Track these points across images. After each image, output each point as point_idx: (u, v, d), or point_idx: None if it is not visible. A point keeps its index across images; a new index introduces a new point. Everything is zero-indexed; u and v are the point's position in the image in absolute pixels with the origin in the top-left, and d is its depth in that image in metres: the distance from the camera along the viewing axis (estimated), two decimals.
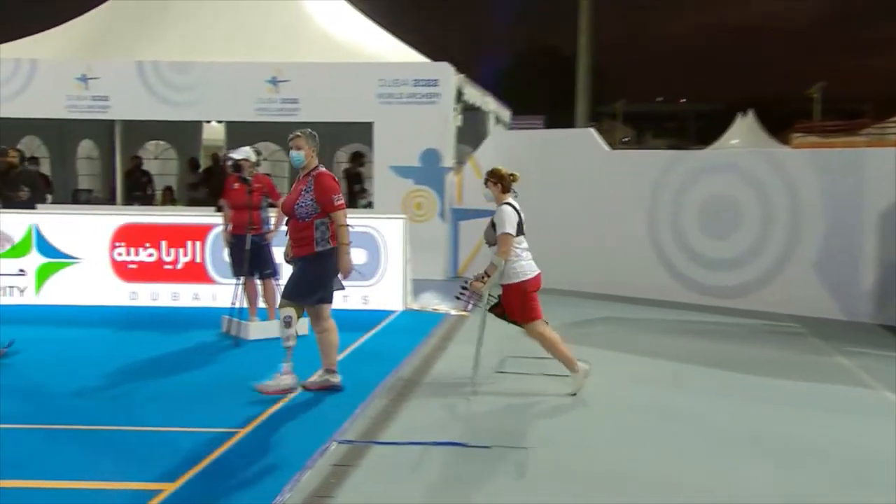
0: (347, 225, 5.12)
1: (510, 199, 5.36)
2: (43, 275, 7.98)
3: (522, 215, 5.38)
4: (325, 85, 10.13)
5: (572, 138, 10.01)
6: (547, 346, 5.31)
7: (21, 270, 7.93)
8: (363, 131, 11.40)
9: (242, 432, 4.35)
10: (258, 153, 7.19)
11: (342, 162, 16.64)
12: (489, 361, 6.03)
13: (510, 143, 10.31)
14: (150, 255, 8.03)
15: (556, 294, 9.13)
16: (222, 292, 7.93)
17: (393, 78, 10.05)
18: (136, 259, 8.02)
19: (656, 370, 5.91)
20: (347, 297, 8.05)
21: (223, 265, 7.91)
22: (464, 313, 7.89)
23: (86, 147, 16.23)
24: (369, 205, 11.38)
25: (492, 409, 4.95)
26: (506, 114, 14.41)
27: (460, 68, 10.25)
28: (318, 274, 5.12)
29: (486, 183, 5.41)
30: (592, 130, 9.73)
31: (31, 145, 14.08)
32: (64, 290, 7.95)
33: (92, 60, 10.43)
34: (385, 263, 8.09)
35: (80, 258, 8.00)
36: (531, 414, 4.86)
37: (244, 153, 6.88)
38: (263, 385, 5.09)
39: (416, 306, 8.25)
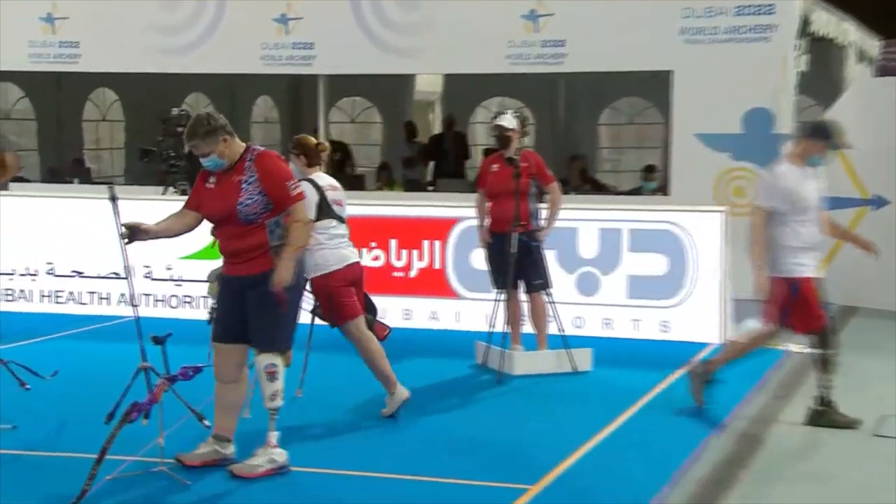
0: (308, 223, 5.44)
1: (316, 175, 6.56)
2: None
3: (332, 194, 6.56)
4: (603, 20, 10.91)
5: None
6: (363, 354, 6.51)
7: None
8: (654, 84, 12.07)
9: (534, 490, 5.27)
10: (523, 120, 8.17)
11: (608, 123, 17.45)
12: (862, 417, 6.46)
13: (884, 98, 10.42)
14: (376, 258, 9.39)
15: None
16: (469, 310, 9.08)
17: (704, 6, 10.61)
18: None
19: None
20: (639, 324, 8.84)
21: (473, 274, 9.06)
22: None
23: (262, 107, 18.61)
24: (660, 190, 12.03)
25: (873, 481, 5.45)
26: (873, 46, 14.30)
27: None
28: (287, 297, 5.34)
29: (287, 155, 6.64)
30: None
31: (196, 105, 16.52)
32: None
33: None
34: (694, 276, 8.75)
35: None
36: None
37: (510, 121, 7.84)
38: (240, 466, 5.35)
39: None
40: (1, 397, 6.30)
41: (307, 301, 6.44)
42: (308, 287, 6.40)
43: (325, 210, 6.52)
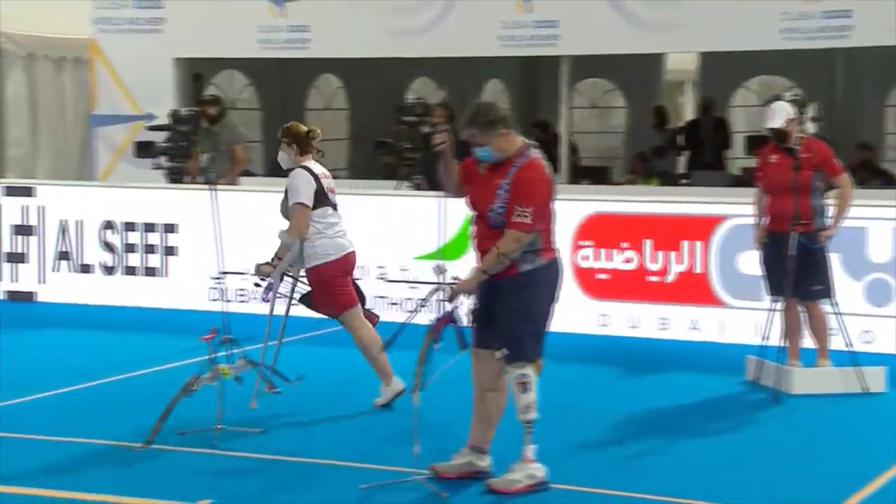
0: (504, 255, 5.53)
1: (309, 162, 7.20)
2: None
3: (326, 182, 7.20)
4: None
5: None
6: (359, 344, 7.13)
7: (455, 278, 9.91)
8: None
9: None
10: (801, 105, 8.11)
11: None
12: None
13: None
14: (628, 260, 9.56)
15: None
16: (736, 320, 9.11)
17: None
18: (609, 266, 9.61)
19: None
20: None
21: (740, 279, 9.09)
22: None
23: (491, 92, 19.02)
24: None
25: None
26: None
27: None
28: (527, 307, 5.62)
29: (279, 145, 7.31)
30: None
31: (423, 90, 17.12)
32: None
33: None
34: None
35: None
36: None
37: (781, 116, 7.78)
38: (498, 481, 5.66)
39: None
40: (250, 400, 6.90)
41: (296, 289, 7.32)
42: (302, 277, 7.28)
43: (320, 198, 7.17)
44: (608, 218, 9.73)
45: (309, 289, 7.33)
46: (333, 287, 7.20)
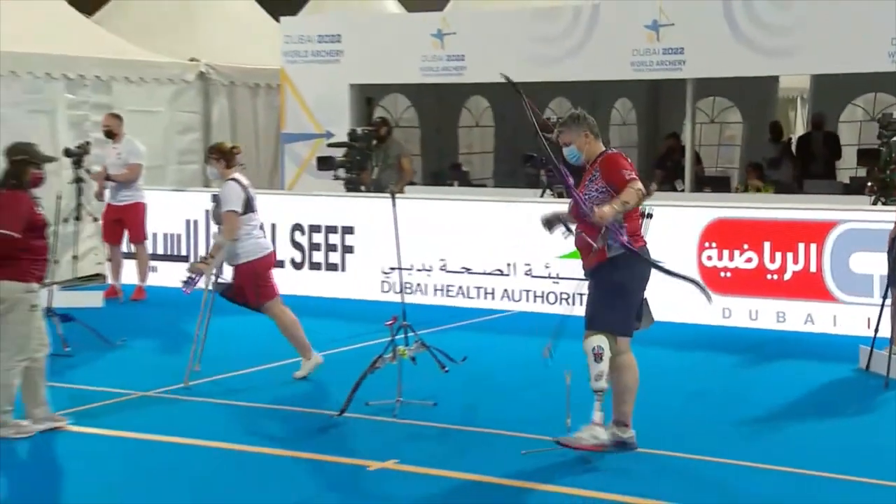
0: (640, 192, 5.61)
1: (237, 175, 7.55)
2: None
3: (251, 191, 7.57)
4: None
5: None
6: (282, 327, 7.57)
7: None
8: None
9: None
10: None
11: None
12: None
13: None
14: (749, 260, 9.55)
15: None
16: (848, 314, 9.05)
17: None
18: (731, 265, 9.61)
19: None
20: None
21: (852, 277, 9.03)
22: None
23: (620, 110, 19.06)
24: None
25: None
26: None
27: None
28: (612, 288, 5.74)
29: (207, 160, 7.75)
30: None
31: (559, 109, 17.26)
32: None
33: None
34: None
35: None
36: None
37: None
38: (571, 439, 5.74)
39: None
40: (423, 377, 7.19)
41: (218, 282, 7.71)
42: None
43: (249, 205, 7.53)
44: (731, 223, 9.73)
45: (229, 282, 7.79)
46: (262, 280, 7.58)
